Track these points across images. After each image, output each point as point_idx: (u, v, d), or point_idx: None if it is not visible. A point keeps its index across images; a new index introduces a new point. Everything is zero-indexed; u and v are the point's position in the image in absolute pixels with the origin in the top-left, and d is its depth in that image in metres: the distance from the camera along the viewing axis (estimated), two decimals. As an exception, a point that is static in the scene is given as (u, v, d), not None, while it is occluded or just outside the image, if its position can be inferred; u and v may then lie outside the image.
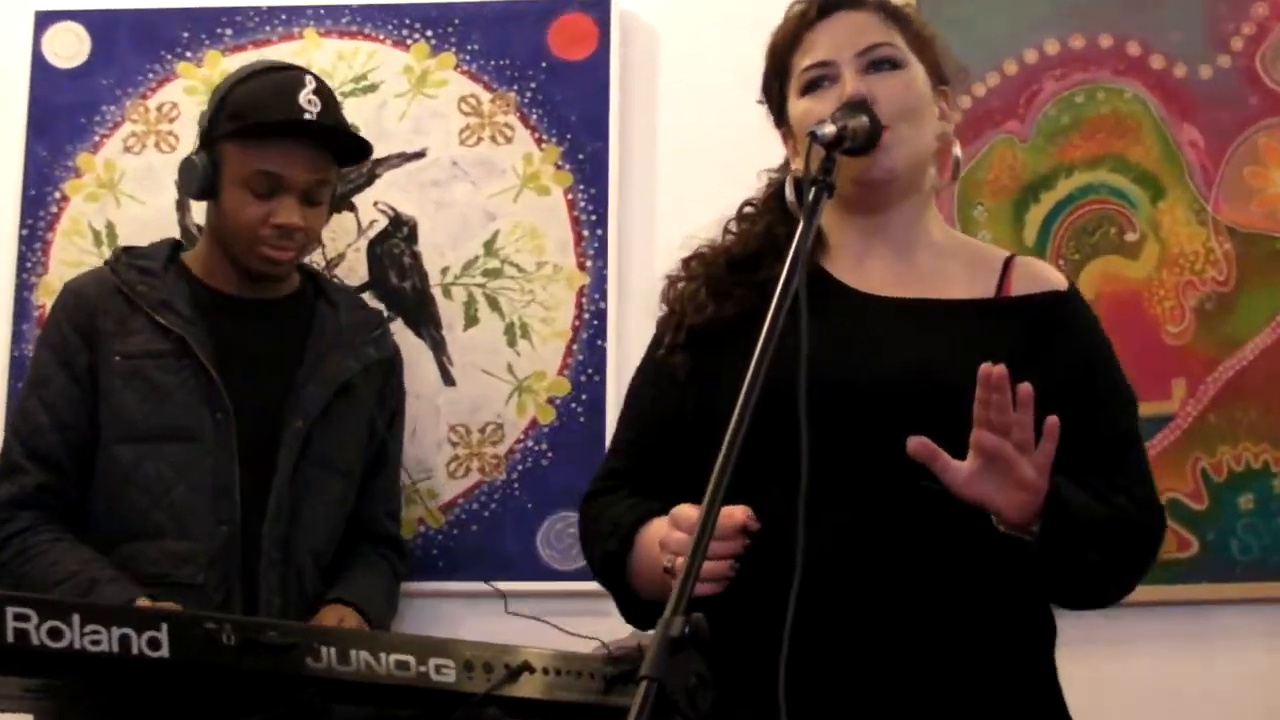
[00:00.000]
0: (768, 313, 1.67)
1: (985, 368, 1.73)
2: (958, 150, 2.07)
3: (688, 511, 1.83)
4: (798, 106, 2.03)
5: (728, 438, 1.56)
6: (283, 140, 2.74)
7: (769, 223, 2.05)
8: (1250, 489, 2.98)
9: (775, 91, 2.09)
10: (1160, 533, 1.98)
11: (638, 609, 2.01)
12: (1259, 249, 3.04)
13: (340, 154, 2.85)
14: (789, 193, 2.02)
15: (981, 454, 1.78)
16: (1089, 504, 1.87)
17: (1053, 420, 1.76)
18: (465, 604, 3.06)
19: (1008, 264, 2.04)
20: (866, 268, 2.02)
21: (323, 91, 2.82)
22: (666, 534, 1.85)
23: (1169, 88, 3.11)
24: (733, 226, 2.09)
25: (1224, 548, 2.97)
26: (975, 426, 1.77)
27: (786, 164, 2.11)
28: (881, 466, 1.85)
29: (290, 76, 2.81)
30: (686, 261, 2.09)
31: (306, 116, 2.74)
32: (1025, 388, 1.75)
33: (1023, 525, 1.83)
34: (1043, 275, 2.05)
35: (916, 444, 1.77)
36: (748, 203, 2.11)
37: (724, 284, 2.02)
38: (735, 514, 1.80)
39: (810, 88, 2.02)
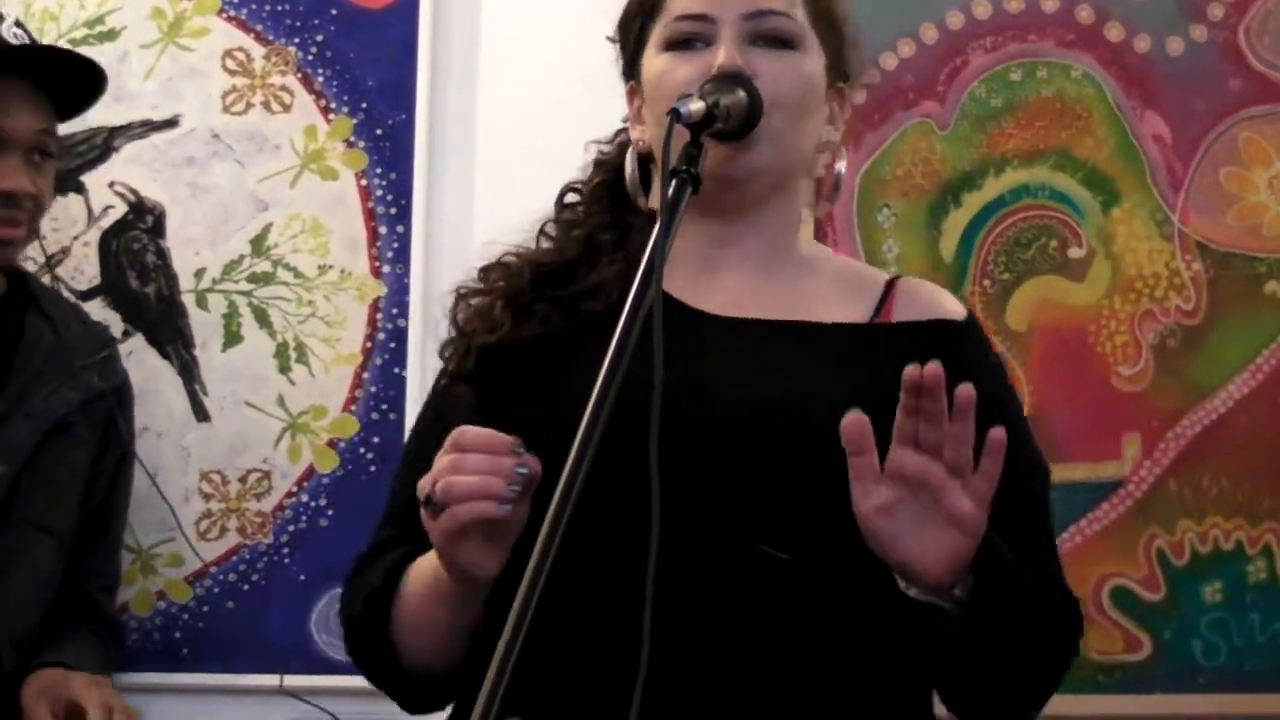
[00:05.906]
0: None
1: (914, 369, 1.63)
2: (841, 165, 2.00)
3: (464, 431, 1.72)
4: (654, 62, 1.92)
5: (559, 490, 1.52)
6: None
7: (594, 225, 1.98)
8: (1219, 575, 2.83)
9: (634, 32, 1.97)
10: (1081, 629, 1.88)
11: (407, 684, 1.87)
12: (1236, 272, 2.90)
13: (57, 100, 2.65)
14: (629, 166, 1.94)
15: (900, 481, 1.67)
16: (1016, 563, 1.75)
17: (997, 433, 1.64)
18: (216, 703, 2.92)
19: (890, 285, 1.98)
20: (712, 284, 1.94)
21: (23, 28, 2.64)
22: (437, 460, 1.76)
23: (1129, 65, 2.95)
24: (551, 230, 2.01)
25: (1184, 650, 2.83)
26: (895, 444, 1.67)
27: (623, 134, 2.03)
28: (732, 523, 1.77)
29: None
30: (485, 271, 2.00)
31: (15, 43, 2.57)
32: (966, 390, 1.63)
33: (941, 585, 1.69)
34: (934, 301, 1.98)
35: (851, 420, 1.66)
36: (570, 188, 2.03)
37: (525, 299, 1.94)
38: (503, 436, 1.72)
39: (675, 44, 1.90)
